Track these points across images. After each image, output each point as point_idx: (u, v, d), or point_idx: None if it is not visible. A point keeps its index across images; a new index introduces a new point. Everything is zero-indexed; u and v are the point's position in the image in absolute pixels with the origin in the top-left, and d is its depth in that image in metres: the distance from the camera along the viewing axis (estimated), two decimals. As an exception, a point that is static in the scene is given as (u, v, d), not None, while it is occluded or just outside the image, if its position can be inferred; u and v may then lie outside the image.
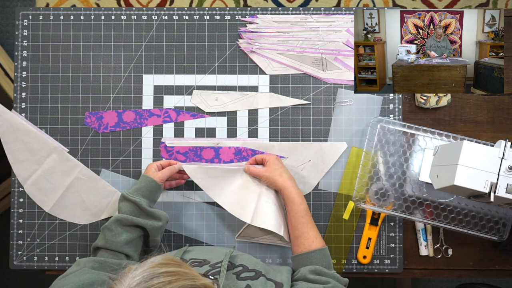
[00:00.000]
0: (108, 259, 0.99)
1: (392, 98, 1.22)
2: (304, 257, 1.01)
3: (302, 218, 1.05)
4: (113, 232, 1.02)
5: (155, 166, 1.13)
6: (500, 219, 1.16)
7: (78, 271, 0.92)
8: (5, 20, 2.06)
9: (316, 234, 1.04)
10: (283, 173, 1.10)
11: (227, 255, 0.92)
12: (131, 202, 1.05)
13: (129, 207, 1.05)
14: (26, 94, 1.22)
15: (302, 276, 0.95)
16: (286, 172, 1.11)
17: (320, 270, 0.96)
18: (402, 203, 1.18)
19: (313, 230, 1.04)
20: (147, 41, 1.23)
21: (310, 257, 1.00)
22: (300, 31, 1.23)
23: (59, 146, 1.21)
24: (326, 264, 1.00)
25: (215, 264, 0.90)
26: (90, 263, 0.96)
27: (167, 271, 0.69)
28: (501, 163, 0.94)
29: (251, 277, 0.88)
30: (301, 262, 1.00)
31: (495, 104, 1.23)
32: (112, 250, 1.02)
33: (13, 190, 1.21)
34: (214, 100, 1.22)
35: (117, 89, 1.23)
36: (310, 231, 1.04)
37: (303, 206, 1.06)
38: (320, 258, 1.00)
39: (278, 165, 1.12)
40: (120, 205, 1.06)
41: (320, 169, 1.20)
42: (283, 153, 1.21)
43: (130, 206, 1.05)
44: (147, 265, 0.70)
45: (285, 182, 1.09)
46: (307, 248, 1.01)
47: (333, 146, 1.20)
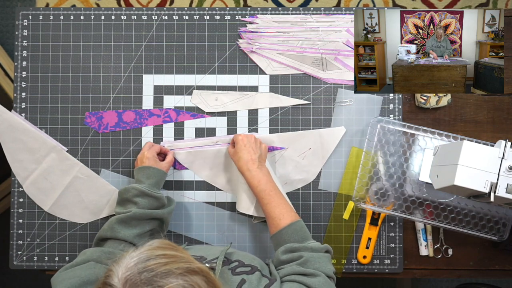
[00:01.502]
0: (117, 251, 0.99)
1: (392, 98, 1.22)
2: (276, 237, 1.01)
3: (263, 200, 1.05)
4: (128, 224, 1.03)
5: (155, 154, 1.14)
6: (500, 219, 1.16)
7: (85, 265, 0.91)
8: (5, 20, 2.06)
9: (282, 211, 1.02)
10: (243, 155, 1.10)
11: (222, 251, 0.92)
12: (153, 198, 1.06)
13: (150, 202, 1.06)
14: (26, 94, 1.22)
15: (277, 260, 0.96)
16: (247, 153, 1.10)
17: (290, 247, 0.96)
18: (402, 203, 1.18)
19: (278, 208, 1.03)
20: (147, 41, 1.23)
21: (281, 235, 1.00)
22: (300, 31, 1.23)
23: (57, 145, 1.21)
24: (299, 238, 0.99)
25: (211, 261, 0.90)
26: (98, 253, 0.96)
27: (164, 253, 0.72)
28: (501, 163, 0.94)
29: (247, 271, 0.88)
30: (276, 243, 1.01)
31: (495, 104, 1.23)
32: (121, 240, 1.02)
33: (13, 190, 1.21)
34: (214, 100, 1.22)
35: (117, 89, 1.23)
36: (275, 210, 1.03)
37: (260, 187, 1.06)
38: (291, 233, 0.99)
39: (240, 147, 1.11)
40: (136, 200, 1.05)
41: (321, 155, 1.20)
42: (283, 144, 1.21)
43: (152, 201, 1.06)
44: (144, 247, 0.73)
45: (242, 166, 1.09)
46: (277, 228, 1.01)
47: (332, 132, 1.21)
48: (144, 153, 1.13)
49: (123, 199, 1.07)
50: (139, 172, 1.11)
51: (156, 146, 1.18)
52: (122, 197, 1.08)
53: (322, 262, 0.93)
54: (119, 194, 1.09)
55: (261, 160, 1.11)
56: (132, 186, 1.07)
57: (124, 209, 1.05)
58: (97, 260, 0.96)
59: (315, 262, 0.92)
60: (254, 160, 1.09)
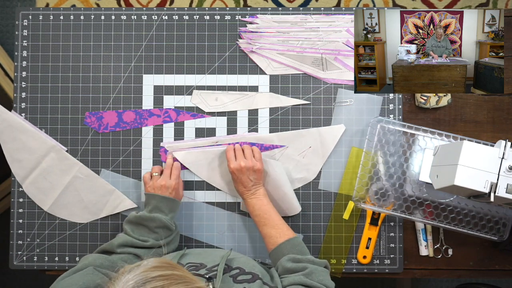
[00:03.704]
0: (120, 262, 0.98)
1: (392, 98, 1.22)
2: (276, 252, 1.03)
3: (259, 222, 1.09)
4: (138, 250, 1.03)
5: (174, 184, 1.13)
6: (500, 219, 1.16)
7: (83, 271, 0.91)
8: (5, 20, 2.06)
9: (279, 230, 1.05)
10: (237, 187, 1.14)
11: (223, 258, 0.92)
12: (171, 231, 1.08)
13: (167, 233, 1.08)
14: (26, 94, 1.22)
15: (282, 267, 0.97)
16: (240, 185, 1.12)
17: (294, 258, 0.97)
18: (402, 203, 1.18)
19: (275, 228, 1.06)
20: (147, 41, 1.23)
21: (280, 250, 1.02)
22: (300, 31, 1.23)
23: (57, 145, 1.21)
24: (298, 252, 1.01)
25: (211, 268, 0.89)
26: (100, 260, 0.95)
27: (160, 274, 0.68)
28: (501, 163, 0.94)
29: (248, 280, 0.87)
30: (275, 258, 1.03)
31: (495, 104, 1.23)
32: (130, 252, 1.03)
33: (13, 190, 1.21)
34: (214, 100, 1.22)
35: (117, 89, 1.23)
36: (272, 230, 1.06)
37: (255, 212, 1.10)
38: (290, 248, 1.02)
39: (234, 179, 1.14)
40: (158, 230, 1.06)
41: (321, 154, 1.20)
42: (283, 143, 1.21)
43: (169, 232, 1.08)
44: (140, 268, 0.69)
45: (239, 193, 1.15)
46: (274, 244, 1.04)
47: (332, 130, 1.21)
48: (172, 183, 1.13)
49: (141, 224, 1.07)
50: (164, 202, 1.10)
51: (178, 170, 1.18)
52: (141, 222, 1.07)
53: (325, 276, 0.95)
54: (138, 217, 1.07)
55: (256, 183, 1.13)
56: (157, 217, 1.06)
57: (140, 236, 1.05)
58: (98, 266, 0.95)
59: (319, 275, 0.94)
60: (248, 188, 1.12)
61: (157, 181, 1.12)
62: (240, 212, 1.21)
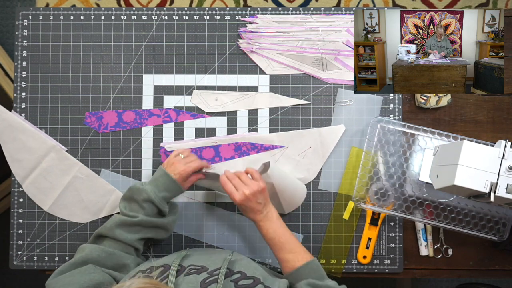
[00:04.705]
0: (117, 251, 0.98)
1: (392, 98, 1.22)
2: (293, 276, 0.99)
3: (274, 247, 1.03)
4: (131, 229, 1.02)
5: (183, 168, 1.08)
6: (500, 219, 1.16)
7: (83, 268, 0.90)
8: (5, 20, 2.06)
9: (296, 254, 1.01)
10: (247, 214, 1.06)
11: (225, 261, 0.91)
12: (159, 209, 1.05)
13: (156, 211, 1.05)
14: (26, 94, 1.22)
15: None
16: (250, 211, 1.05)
17: (313, 283, 0.94)
18: (402, 203, 1.18)
19: (292, 253, 1.01)
20: (147, 41, 1.23)
21: (299, 273, 0.99)
22: (300, 31, 1.23)
23: (57, 145, 1.21)
24: (317, 276, 0.98)
25: (213, 271, 0.88)
26: (97, 251, 0.95)
27: None
28: (501, 163, 0.94)
29: (249, 284, 0.87)
30: (293, 281, 0.99)
31: (495, 104, 1.23)
32: (122, 242, 1.01)
33: (13, 190, 1.21)
34: (214, 100, 1.22)
35: (117, 89, 1.23)
36: (289, 255, 1.01)
37: (269, 235, 1.03)
38: (309, 272, 0.98)
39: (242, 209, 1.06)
40: (145, 205, 1.03)
41: (322, 154, 1.20)
42: (282, 143, 1.21)
43: (157, 211, 1.05)
44: None
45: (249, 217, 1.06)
46: (292, 268, 1.00)
47: (332, 130, 1.21)
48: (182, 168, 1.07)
49: (132, 198, 1.05)
50: (164, 178, 1.06)
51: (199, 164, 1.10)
52: (132, 195, 1.05)
53: None
54: (130, 189, 1.06)
55: (266, 203, 1.06)
56: (145, 189, 1.03)
57: (130, 212, 1.04)
58: (96, 259, 0.95)
59: None
60: (260, 212, 1.05)
61: (175, 158, 1.09)
62: (240, 212, 1.21)
